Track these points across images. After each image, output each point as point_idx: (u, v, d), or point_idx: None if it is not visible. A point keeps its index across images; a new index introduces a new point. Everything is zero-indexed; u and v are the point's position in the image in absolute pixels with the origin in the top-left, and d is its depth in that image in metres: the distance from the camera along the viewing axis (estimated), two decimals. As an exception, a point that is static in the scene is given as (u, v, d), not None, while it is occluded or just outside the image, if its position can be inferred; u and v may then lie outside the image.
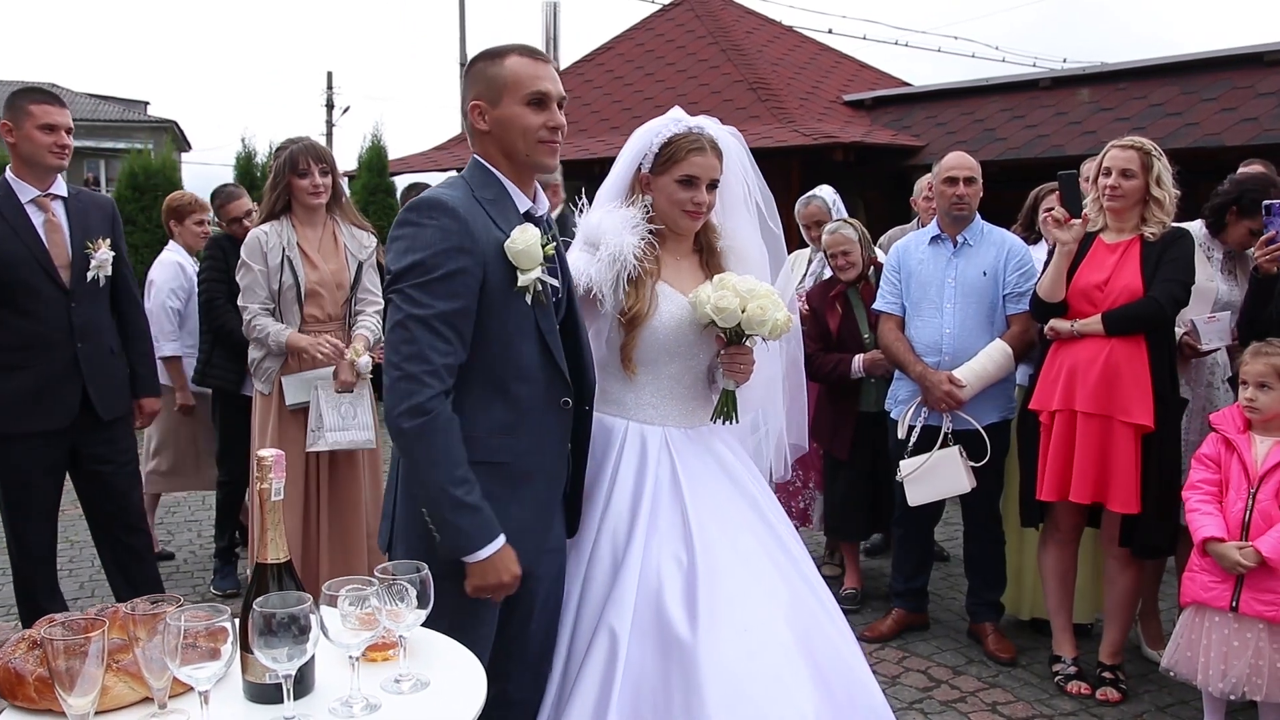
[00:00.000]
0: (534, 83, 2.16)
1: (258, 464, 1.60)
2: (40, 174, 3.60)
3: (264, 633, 1.45)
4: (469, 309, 2.09)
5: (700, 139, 2.58)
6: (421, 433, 2.03)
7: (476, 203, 2.16)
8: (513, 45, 2.24)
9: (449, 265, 2.06)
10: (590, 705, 2.32)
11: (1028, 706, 3.69)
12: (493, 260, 2.11)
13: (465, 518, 2.05)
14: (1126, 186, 3.56)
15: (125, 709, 1.56)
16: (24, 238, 3.52)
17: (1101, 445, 3.48)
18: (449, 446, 2.04)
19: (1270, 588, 3.08)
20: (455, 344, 2.08)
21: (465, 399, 2.14)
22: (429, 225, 2.08)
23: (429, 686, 1.64)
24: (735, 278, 2.54)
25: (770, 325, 2.50)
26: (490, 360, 2.15)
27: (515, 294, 2.13)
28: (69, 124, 3.63)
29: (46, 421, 3.55)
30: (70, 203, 3.68)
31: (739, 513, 2.58)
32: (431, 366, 2.04)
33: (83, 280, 3.62)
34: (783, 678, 2.36)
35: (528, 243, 2.10)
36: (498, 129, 2.19)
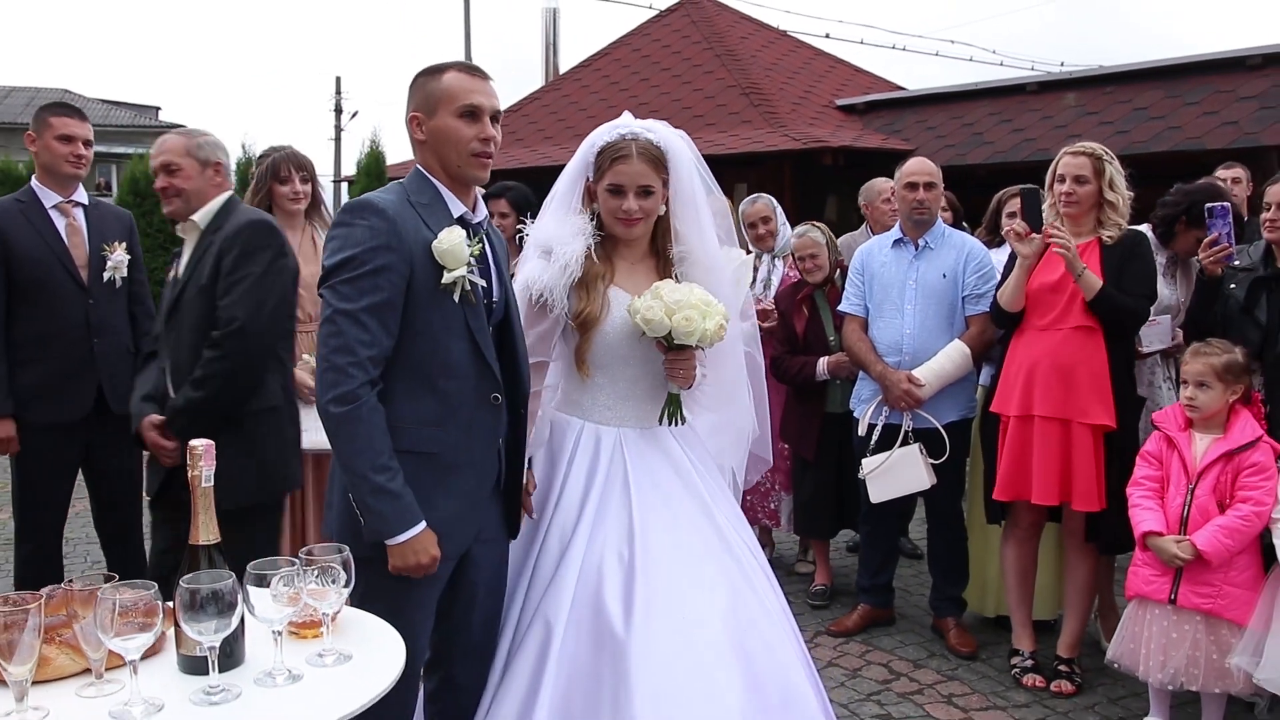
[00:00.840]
0: (467, 96, 2.27)
1: (189, 453, 1.72)
2: (60, 182, 3.83)
3: (189, 608, 1.57)
4: (394, 302, 2.20)
5: (627, 146, 2.61)
6: (345, 419, 2.14)
7: (410, 205, 2.27)
8: (453, 62, 2.36)
9: (375, 261, 2.17)
10: (522, 692, 2.41)
11: (983, 698, 3.78)
12: (420, 258, 2.22)
13: (385, 503, 2.16)
14: (1081, 192, 3.65)
15: (67, 679, 1.68)
16: (47, 239, 3.75)
17: (1063, 447, 3.57)
18: (371, 435, 2.16)
19: (1207, 581, 3.18)
20: (380, 335, 2.19)
21: (395, 391, 2.25)
22: (359, 225, 2.20)
23: (351, 660, 1.76)
24: (670, 287, 2.58)
25: (699, 335, 2.53)
26: (418, 355, 2.26)
27: (442, 291, 2.24)
28: (87, 136, 3.85)
29: (63, 414, 3.74)
30: (90, 210, 3.92)
31: (687, 513, 2.64)
32: (356, 358, 2.15)
33: (100, 280, 3.83)
34: (713, 676, 2.43)
35: (453, 242, 2.21)
36: (433, 139, 2.30)
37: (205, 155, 3.07)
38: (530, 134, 12.09)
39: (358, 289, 2.17)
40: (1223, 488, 3.20)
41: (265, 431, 2.98)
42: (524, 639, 2.48)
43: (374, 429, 2.16)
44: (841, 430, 4.47)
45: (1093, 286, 3.50)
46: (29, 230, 3.72)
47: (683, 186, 2.72)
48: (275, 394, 3.02)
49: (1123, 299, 3.51)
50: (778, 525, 5.10)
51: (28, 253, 3.69)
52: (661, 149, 2.66)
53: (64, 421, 3.74)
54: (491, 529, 2.47)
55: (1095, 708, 3.68)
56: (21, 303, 3.69)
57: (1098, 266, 3.59)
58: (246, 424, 2.93)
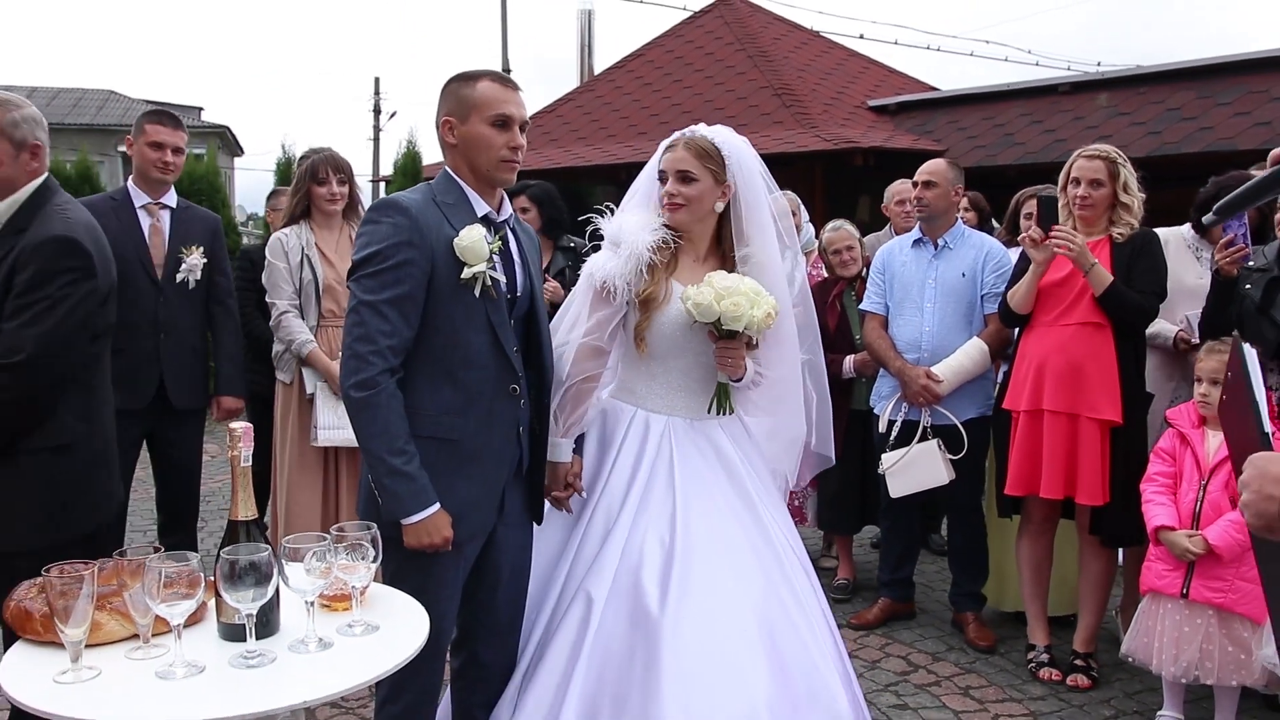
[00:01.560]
0: (500, 106, 2.40)
1: (230, 435, 1.85)
2: (150, 184, 4.07)
3: (229, 577, 1.69)
4: (414, 295, 2.32)
5: (678, 140, 2.77)
6: (365, 404, 2.27)
7: (435, 205, 2.39)
8: (486, 71, 2.48)
9: (397, 257, 2.30)
10: (562, 662, 2.54)
11: (999, 691, 3.84)
12: (441, 254, 2.34)
13: (400, 484, 2.28)
14: (1096, 195, 3.71)
15: (116, 643, 1.82)
16: (130, 236, 3.97)
17: (1070, 441, 3.63)
18: (388, 419, 2.28)
19: (1218, 575, 3.22)
20: (400, 326, 2.31)
21: (417, 381, 2.37)
22: (384, 222, 2.33)
23: (378, 631, 1.88)
24: (722, 276, 2.67)
25: (746, 321, 2.63)
26: (439, 347, 2.38)
27: (463, 286, 2.36)
28: (177, 144, 4.07)
29: (127, 400, 3.86)
30: (177, 213, 4.14)
31: (728, 503, 2.74)
32: (377, 347, 2.28)
33: (173, 280, 4.04)
34: (740, 664, 2.52)
35: (473, 240, 2.33)
36: (464, 144, 2.43)
37: (21, 135, 2.51)
38: (564, 134, 12.21)
39: (380, 282, 2.30)
40: (1235, 484, 3.23)
41: (50, 473, 2.47)
42: (567, 611, 2.60)
43: (391, 414, 2.29)
44: (865, 427, 4.55)
45: (1102, 282, 3.55)
46: (115, 227, 3.89)
47: (746, 188, 2.81)
48: (69, 429, 2.51)
49: (1131, 295, 3.56)
50: (804, 522, 5.18)
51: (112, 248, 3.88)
52: (718, 147, 2.77)
53: (126, 408, 3.92)
54: (515, 513, 2.59)
55: (1111, 701, 3.73)
56: None
57: (1108, 263, 3.64)
58: (23, 462, 2.43)
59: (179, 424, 4.12)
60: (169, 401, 4.02)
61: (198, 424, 4.25)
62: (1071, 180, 3.76)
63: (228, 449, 1.86)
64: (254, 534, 1.82)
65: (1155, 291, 3.64)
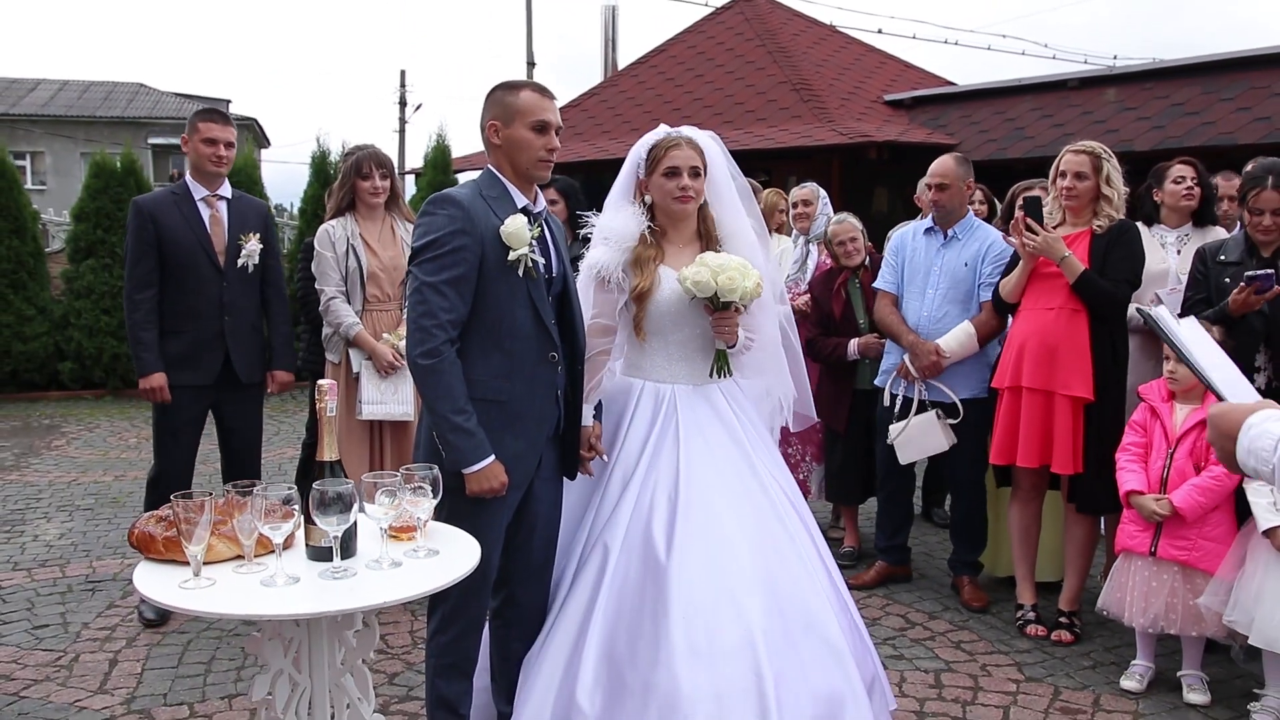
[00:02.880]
0: (540, 113, 2.77)
1: (317, 390, 2.23)
2: (206, 178, 4.43)
3: (319, 505, 2.07)
4: (469, 276, 2.70)
5: (677, 138, 3.15)
6: (430, 370, 2.65)
7: (481, 198, 2.78)
8: (527, 82, 2.87)
9: (453, 243, 2.68)
10: (584, 602, 2.94)
11: (989, 644, 4.18)
12: (489, 241, 2.72)
13: (462, 439, 2.67)
14: (1080, 187, 4.03)
15: (225, 562, 2.20)
16: (193, 227, 4.37)
17: (1045, 415, 3.97)
18: (451, 384, 2.66)
19: (1184, 535, 3.55)
20: (457, 303, 2.69)
21: (470, 350, 2.76)
22: (440, 214, 2.72)
23: (438, 555, 2.25)
24: (713, 256, 3.07)
25: (740, 291, 3.02)
26: (490, 321, 2.77)
27: (509, 268, 2.74)
28: (228, 139, 4.44)
29: (197, 377, 4.38)
30: (232, 203, 4.52)
31: (729, 458, 3.12)
32: (438, 321, 2.66)
33: (234, 265, 4.43)
34: (738, 599, 2.90)
35: (517, 227, 2.71)
36: (508, 145, 2.81)
37: None
38: (589, 129, 12.56)
39: (439, 265, 2.68)
40: (1199, 452, 3.57)
41: None
42: (588, 559, 3.00)
43: (453, 379, 2.67)
44: (869, 405, 4.89)
45: (1074, 271, 3.88)
46: (180, 219, 4.34)
47: (718, 177, 3.25)
48: None
49: (1101, 283, 3.88)
50: (809, 495, 5.52)
51: (177, 239, 4.31)
52: (700, 144, 3.18)
53: (196, 384, 4.36)
54: (550, 469, 2.97)
55: (1090, 654, 4.07)
56: (169, 283, 4.32)
57: (1086, 253, 3.97)
58: None
59: (243, 397, 4.53)
60: (236, 376, 4.42)
61: (259, 397, 4.65)
62: (1059, 173, 4.08)
63: (317, 401, 2.25)
64: (338, 471, 2.20)
65: (1127, 279, 3.95)
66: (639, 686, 2.82)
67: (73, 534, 5.61)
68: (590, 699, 2.84)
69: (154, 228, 4.30)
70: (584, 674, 2.86)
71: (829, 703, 2.93)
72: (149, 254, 4.30)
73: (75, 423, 8.83)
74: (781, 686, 2.86)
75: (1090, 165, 4.02)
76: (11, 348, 9.76)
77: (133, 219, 4.36)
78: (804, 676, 2.92)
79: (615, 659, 2.87)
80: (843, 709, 2.94)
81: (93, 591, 4.71)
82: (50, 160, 31.14)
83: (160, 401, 4.35)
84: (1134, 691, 3.71)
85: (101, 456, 7.57)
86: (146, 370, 4.30)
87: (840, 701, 2.95)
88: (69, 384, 10.04)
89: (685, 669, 2.80)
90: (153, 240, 4.29)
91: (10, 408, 9.61)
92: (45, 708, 3.55)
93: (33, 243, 9.99)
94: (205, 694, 3.67)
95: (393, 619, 4.38)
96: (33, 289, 9.88)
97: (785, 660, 2.90)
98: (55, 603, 4.58)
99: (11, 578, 4.92)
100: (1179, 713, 3.58)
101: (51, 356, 10.02)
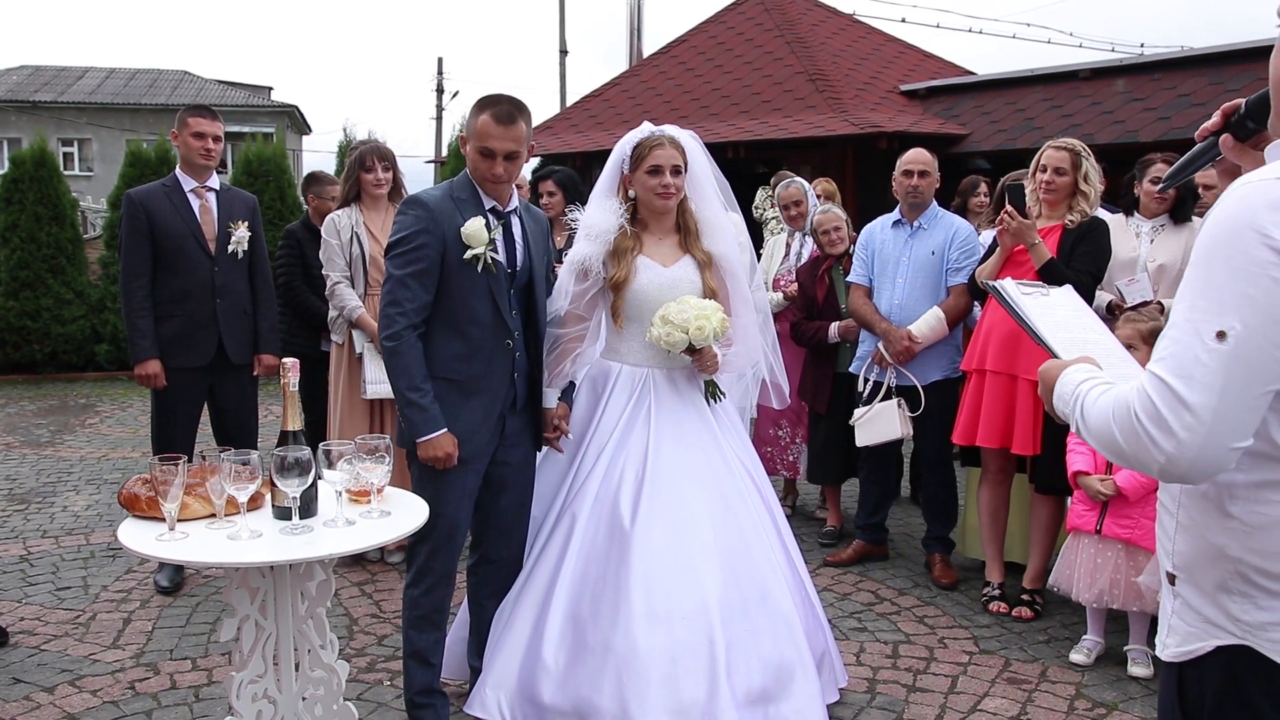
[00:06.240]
0: (486, 140, 3.00)
1: (281, 367, 2.49)
2: (196, 170, 4.69)
3: (280, 469, 2.32)
4: (431, 270, 2.99)
5: (660, 138, 3.36)
6: (393, 351, 2.96)
7: (450, 199, 3.05)
8: (494, 102, 3.03)
9: (417, 241, 2.97)
10: (552, 563, 3.22)
11: (952, 620, 4.37)
12: (451, 239, 3.00)
13: (415, 413, 2.96)
14: (1059, 182, 4.20)
15: (198, 519, 2.46)
16: (184, 217, 4.62)
17: (1008, 398, 4.15)
18: (409, 364, 2.96)
19: (1127, 515, 3.72)
20: (419, 293, 2.98)
21: (434, 333, 3.05)
22: (408, 214, 3.02)
23: (390, 516, 2.50)
24: (673, 310, 3.23)
25: (710, 333, 3.22)
26: (451, 309, 3.05)
27: (468, 263, 3.01)
28: (217, 133, 4.69)
29: (191, 359, 4.64)
30: (220, 194, 4.78)
31: (696, 439, 3.35)
32: (402, 309, 2.96)
33: (224, 252, 4.69)
34: (696, 568, 3.14)
35: (474, 229, 2.99)
36: (469, 159, 3.09)
37: None
38: (609, 117, 12.76)
39: (404, 260, 2.97)
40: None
41: None
42: (558, 525, 3.27)
43: (412, 360, 2.96)
44: (850, 388, 5.07)
45: (1041, 258, 4.04)
46: (170, 210, 4.60)
47: (698, 174, 3.47)
48: None
49: (1065, 273, 4.03)
50: (798, 476, 5.73)
51: (169, 228, 4.57)
52: (681, 142, 3.39)
53: (191, 366, 4.61)
54: (515, 435, 3.24)
55: (1048, 630, 4.24)
56: (162, 269, 4.58)
57: (1056, 246, 4.13)
58: None
59: (236, 377, 4.79)
60: (228, 358, 4.68)
61: (252, 377, 4.90)
62: (1040, 167, 4.25)
63: (281, 377, 2.51)
64: (299, 440, 2.44)
65: (1091, 272, 4.11)
66: (599, 645, 3.07)
67: (99, 505, 5.97)
68: (555, 656, 3.10)
69: (146, 217, 4.53)
70: (549, 632, 3.12)
71: (778, 670, 3.16)
72: (142, 243, 4.53)
73: (109, 402, 9.23)
74: (732, 652, 3.10)
75: (1069, 161, 4.19)
76: (51, 330, 10.21)
77: (125, 209, 4.60)
78: (755, 644, 3.15)
79: (579, 619, 3.12)
80: (791, 677, 3.17)
81: (113, 557, 5.04)
82: (97, 147, 31.92)
83: (156, 387, 4.59)
84: (1081, 664, 3.88)
85: (131, 434, 7.96)
86: (141, 356, 4.54)
87: (789, 670, 3.17)
88: (105, 365, 10.49)
89: (643, 631, 3.04)
90: (145, 229, 4.53)
91: (49, 387, 10.06)
92: (62, 659, 3.87)
93: (71, 229, 10.43)
94: (208, 650, 3.97)
95: (389, 586, 4.66)
96: (71, 274, 10.31)
97: (738, 628, 3.13)
98: (78, 567, 4.92)
99: (40, 544, 5.27)
100: (1121, 685, 3.75)
101: (89, 339, 10.46)
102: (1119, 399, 1.47)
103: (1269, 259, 1.34)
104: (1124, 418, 1.44)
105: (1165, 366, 1.40)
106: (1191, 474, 1.41)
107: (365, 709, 3.47)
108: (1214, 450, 1.38)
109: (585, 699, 3.00)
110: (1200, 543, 1.53)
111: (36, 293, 10.13)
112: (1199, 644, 1.53)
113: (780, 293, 5.50)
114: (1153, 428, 1.40)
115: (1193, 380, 1.37)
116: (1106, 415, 1.48)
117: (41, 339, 10.22)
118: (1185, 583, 1.56)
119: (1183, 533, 1.56)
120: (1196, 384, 1.37)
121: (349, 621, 4.28)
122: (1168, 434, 1.38)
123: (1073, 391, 1.60)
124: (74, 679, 3.70)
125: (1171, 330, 1.42)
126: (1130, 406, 1.43)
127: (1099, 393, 1.54)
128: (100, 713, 3.45)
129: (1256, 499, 1.45)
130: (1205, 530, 1.52)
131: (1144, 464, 1.44)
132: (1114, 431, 1.46)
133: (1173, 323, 1.43)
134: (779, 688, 3.11)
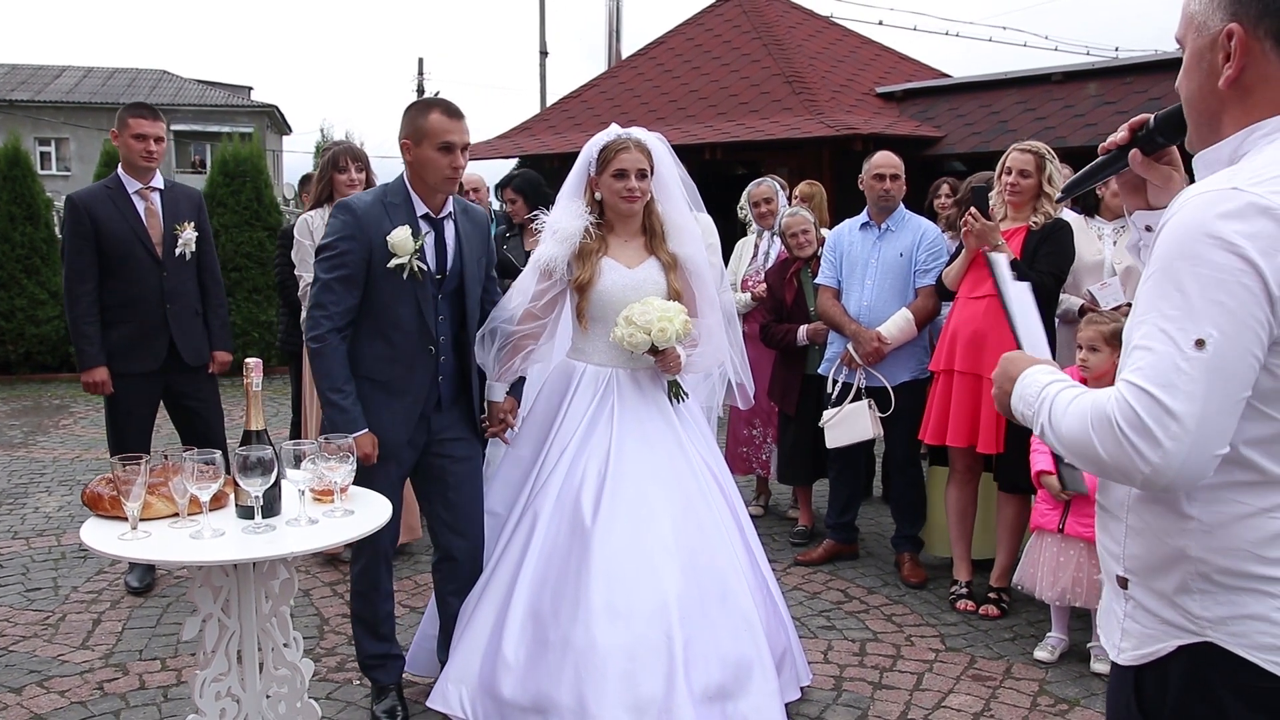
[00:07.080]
0: (446, 135, 3.06)
1: (245, 367, 2.50)
2: (138, 172, 4.58)
3: (243, 469, 2.33)
4: (355, 276, 3.07)
5: (626, 141, 3.37)
6: (316, 353, 3.04)
7: (381, 205, 3.10)
8: (439, 101, 3.14)
9: (342, 247, 3.05)
10: (515, 560, 3.24)
11: (919, 618, 4.42)
12: (378, 245, 3.06)
13: (336, 414, 3.04)
14: (1024, 184, 4.26)
15: (161, 518, 2.47)
16: (129, 220, 4.51)
17: (974, 398, 4.21)
18: (331, 366, 3.04)
19: (1089, 513, 3.76)
20: (344, 297, 3.06)
21: (360, 336, 3.13)
22: (337, 219, 3.09)
23: (352, 514, 2.51)
24: (636, 311, 3.25)
25: (673, 335, 3.24)
26: (376, 313, 3.12)
27: (394, 270, 3.07)
28: (158, 134, 4.57)
29: (143, 364, 4.56)
30: (165, 194, 4.67)
31: (659, 438, 3.37)
32: (327, 312, 3.04)
33: (172, 254, 4.59)
34: (656, 566, 3.16)
35: (400, 238, 3.05)
36: (417, 162, 3.12)
37: None
38: (587, 118, 12.78)
39: (330, 265, 3.06)
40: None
41: None
42: (520, 522, 3.30)
43: (335, 363, 3.04)
44: (819, 389, 5.11)
45: (1006, 254, 4.09)
46: (115, 213, 4.48)
47: (665, 176, 3.49)
48: None
49: (1028, 274, 4.09)
50: (769, 475, 5.77)
51: (114, 232, 4.45)
52: (648, 145, 3.41)
53: (143, 370, 4.55)
54: (448, 429, 3.32)
55: (1013, 628, 4.30)
56: (109, 274, 4.47)
57: (1020, 248, 4.19)
58: None
59: (194, 378, 4.70)
60: (182, 360, 4.59)
61: (210, 379, 4.81)
62: (1005, 169, 4.31)
63: (244, 377, 2.52)
64: (263, 439, 2.46)
65: (1053, 273, 4.17)
66: (559, 641, 3.09)
67: (70, 506, 5.95)
68: (515, 652, 3.13)
69: (91, 221, 4.41)
70: (510, 628, 3.15)
71: (736, 667, 3.18)
72: (86, 248, 4.40)
73: (84, 403, 9.17)
74: (691, 649, 3.12)
75: (1034, 164, 4.25)
76: (25, 331, 10.14)
77: (68, 214, 4.47)
78: (714, 642, 3.17)
79: (540, 615, 3.15)
80: (749, 675, 3.20)
81: (84, 559, 5.02)
82: (74, 147, 31.68)
83: (104, 394, 4.53)
84: (1045, 661, 3.94)
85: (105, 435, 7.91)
86: (88, 364, 4.45)
87: (748, 667, 3.20)
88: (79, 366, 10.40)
89: (602, 627, 3.07)
90: (89, 234, 4.40)
91: (23, 388, 10.00)
92: (30, 660, 3.86)
93: (46, 229, 10.35)
94: (178, 650, 3.97)
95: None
96: (45, 274, 10.24)
97: (697, 626, 3.16)
98: (49, 568, 4.91)
99: (10, 545, 5.25)
100: (1084, 681, 3.81)
101: (63, 339, 10.37)
102: (1097, 408, 1.43)
103: (1237, 266, 1.34)
104: (1105, 428, 1.41)
105: (1144, 376, 1.38)
106: (1177, 483, 1.39)
107: (334, 708, 3.49)
108: (1198, 458, 1.36)
109: (544, 694, 3.03)
110: (1157, 545, 1.50)
111: (10, 293, 10.06)
112: (1158, 645, 1.51)
113: (749, 293, 5.54)
114: (1137, 438, 1.37)
115: (1176, 389, 1.35)
116: (1084, 424, 1.45)
117: (16, 339, 10.15)
118: (1140, 586, 1.54)
119: (1135, 537, 1.54)
120: (1180, 393, 1.35)
121: (320, 621, 4.29)
122: (1153, 444, 1.36)
123: (1038, 393, 1.57)
124: (42, 679, 3.69)
125: (1144, 341, 1.40)
126: (1110, 417, 1.40)
127: (1069, 398, 1.51)
128: (68, 713, 3.45)
129: (1214, 499, 1.44)
130: (1162, 534, 1.49)
131: (1126, 474, 1.41)
132: (1093, 442, 1.43)
133: (1143, 334, 1.40)
134: (737, 685, 3.14)
